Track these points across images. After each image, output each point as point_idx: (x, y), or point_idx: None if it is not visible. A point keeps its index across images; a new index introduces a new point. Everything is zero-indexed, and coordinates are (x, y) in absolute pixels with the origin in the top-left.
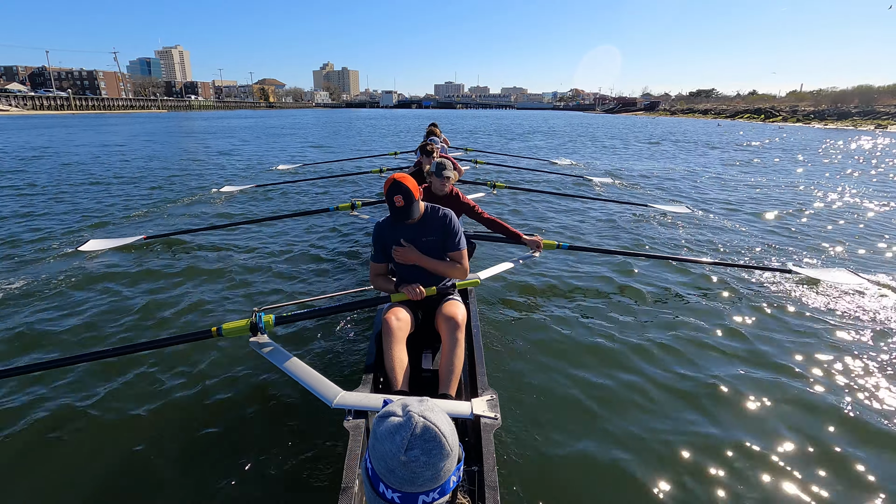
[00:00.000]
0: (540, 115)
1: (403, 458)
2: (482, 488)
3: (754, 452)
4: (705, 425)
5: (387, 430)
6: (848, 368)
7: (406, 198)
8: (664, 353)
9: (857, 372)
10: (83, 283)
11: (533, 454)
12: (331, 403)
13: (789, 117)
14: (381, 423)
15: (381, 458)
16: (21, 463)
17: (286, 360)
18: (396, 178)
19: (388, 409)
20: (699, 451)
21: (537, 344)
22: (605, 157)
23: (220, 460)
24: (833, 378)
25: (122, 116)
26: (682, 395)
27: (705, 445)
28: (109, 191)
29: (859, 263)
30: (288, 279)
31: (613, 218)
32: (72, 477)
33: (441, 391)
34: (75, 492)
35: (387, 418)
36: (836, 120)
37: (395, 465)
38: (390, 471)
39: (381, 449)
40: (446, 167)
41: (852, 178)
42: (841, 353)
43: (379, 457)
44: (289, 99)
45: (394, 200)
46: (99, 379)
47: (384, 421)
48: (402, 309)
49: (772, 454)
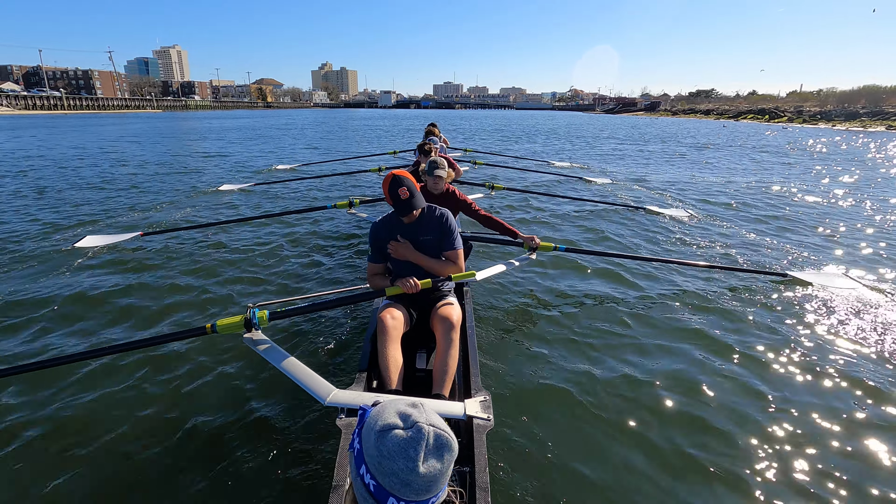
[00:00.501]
0: (541, 116)
1: (423, 469)
2: (473, 489)
3: (750, 452)
4: (700, 427)
5: (396, 447)
6: (846, 373)
7: (410, 189)
8: (660, 355)
9: (855, 377)
10: (78, 280)
11: (525, 455)
12: (324, 401)
13: (795, 118)
14: (383, 438)
15: (391, 475)
16: (13, 462)
17: (280, 356)
18: (395, 173)
19: (386, 422)
20: (693, 452)
21: (532, 346)
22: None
23: (211, 457)
24: (832, 383)
25: (115, 116)
26: (677, 398)
27: (699, 446)
28: (105, 189)
29: (857, 266)
30: (283, 276)
31: (611, 220)
32: (64, 476)
33: (435, 391)
34: (68, 491)
35: (389, 432)
36: (843, 120)
37: (413, 478)
38: (406, 485)
39: (391, 466)
40: (439, 165)
41: (850, 180)
42: (838, 358)
43: (389, 473)
44: (287, 99)
45: (398, 193)
46: (93, 377)
47: (387, 436)
48: (397, 308)
49: (772, 455)
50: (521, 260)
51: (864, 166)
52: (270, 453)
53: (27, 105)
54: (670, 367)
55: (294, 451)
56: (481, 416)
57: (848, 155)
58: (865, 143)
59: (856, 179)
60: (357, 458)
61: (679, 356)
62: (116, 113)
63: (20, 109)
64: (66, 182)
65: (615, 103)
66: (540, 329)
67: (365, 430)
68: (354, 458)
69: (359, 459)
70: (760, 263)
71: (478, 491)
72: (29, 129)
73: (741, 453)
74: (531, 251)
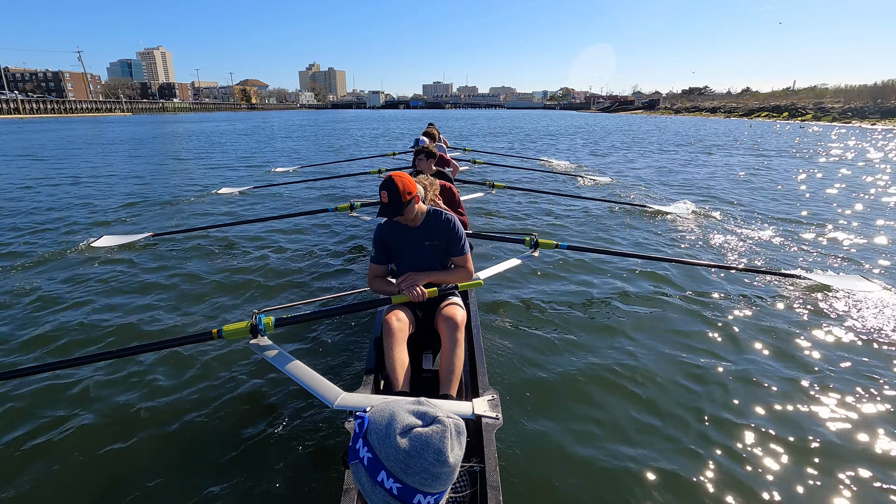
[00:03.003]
0: (535, 115)
1: (452, 459)
2: (484, 488)
3: (752, 454)
4: (709, 427)
5: (424, 444)
6: (859, 381)
7: (391, 195)
8: (666, 354)
9: (870, 385)
10: (89, 281)
11: (535, 454)
12: (332, 405)
13: (822, 115)
14: (409, 439)
15: (421, 472)
16: (19, 464)
17: (286, 361)
18: (392, 175)
19: (404, 423)
20: (703, 452)
21: (537, 343)
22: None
23: (220, 462)
24: (849, 388)
25: (79, 121)
26: (685, 397)
27: (708, 447)
28: (114, 189)
29: (875, 269)
30: (288, 280)
31: (613, 218)
32: (69, 478)
33: (442, 391)
34: (73, 493)
35: (411, 431)
36: (879, 118)
37: (442, 470)
38: (435, 478)
39: (421, 464)
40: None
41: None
42: (855, 363)
43: (419, 471)
44: (272, 100)
45: (381, 195)
46: (100, 380)
47: (411, 435)
48: (403, 310)
49: (772, 457)
50: (524, 258)
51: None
52: (279, 458)
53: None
54: (680, 368)
55: (303, 456)
56: (490, 415)
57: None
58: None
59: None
60: (371, 467)
61: (689, 357)
62: (86, 116)
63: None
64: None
65: (611, 101)
66: (545, 326)
67: (376, 437)
68: (366, 468)
69: (373, 467)
70: (771, 264)
71: (489, 490)
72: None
73: (749, 455)
74: (534, 248)
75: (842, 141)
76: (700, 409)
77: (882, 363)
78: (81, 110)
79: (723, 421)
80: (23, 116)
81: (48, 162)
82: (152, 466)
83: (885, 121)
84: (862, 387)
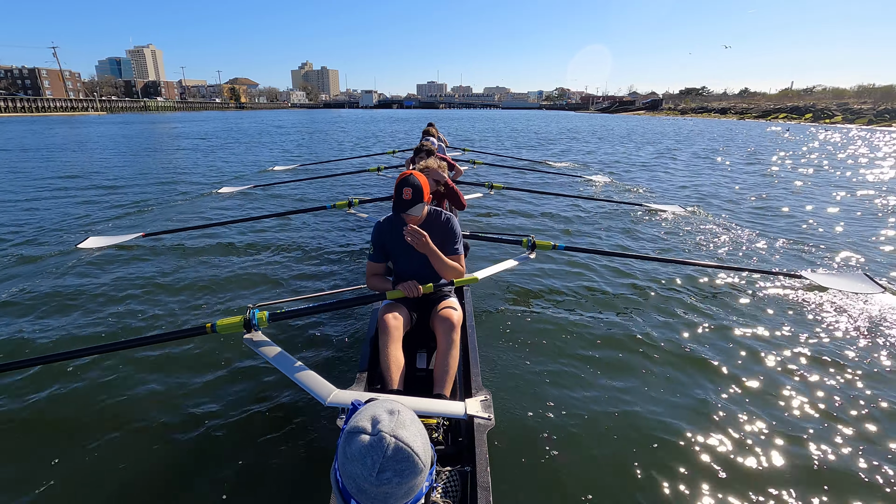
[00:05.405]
0: (533, 116)
1: (375, 480)
2: (475, 489)
3: (750, 455)
4: (703, 429)
5: (357, 452)
6: (859, 380)
7: (415, 192)
8: (662, 356)
9: (870, 384)
10: (81, 280)
11: (526, 455)
12: (325, 401)
13: (855, 118)
14: (350, 440)
15: (350, 478)
16: (11, 459)
17: (280, 357)
18: (414, 173)
19: (357, 424)
20: (696, 453)
21: (532, 345)
22: None
23: (211, 457)
24: (850, 389)
25: (38, 121)
26: (680, 399)
27: (704, 450)
28: (108, 191)
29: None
30: (283, 276)
31: (611, 218)
32: (61, 474)
33: (436, 391)
34: (64, 489)
35: (356, 436)
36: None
37: (367, 486)
38: (361, 491)
39: (351, 469)
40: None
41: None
42: (855, 366)
43: (349, 476)
44: (262, 99)
45: (402, 192)
46: (92, 375)
47: (354, 439)
48: (398, 309)
49: (772, 458)
50: (521, 259)
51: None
52: (271, 454)
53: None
54: (676, 370)
55: (295, 452)
56: (482, 416)
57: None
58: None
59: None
60: (336, 453)
61: (685, 359)
62: (60, 115)
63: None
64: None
65: (609, 102)
66: (540, 328)
67: (346, 430)
68: (336, 452)
69: (336, 456)
70: (772, 263)
71: (479, 490)
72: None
73: (746, 456)
74: (530, 250)
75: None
76: (697, 412)
77: (882, 363)
78: (54, 109)
79: (719, 422)
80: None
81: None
82: (141, 461)
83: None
84: (862, 386)
